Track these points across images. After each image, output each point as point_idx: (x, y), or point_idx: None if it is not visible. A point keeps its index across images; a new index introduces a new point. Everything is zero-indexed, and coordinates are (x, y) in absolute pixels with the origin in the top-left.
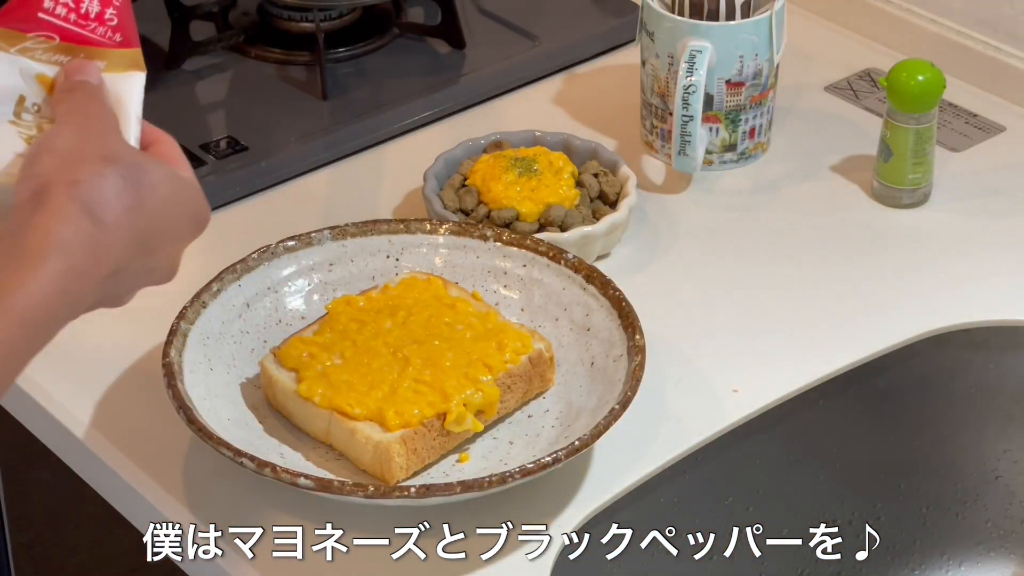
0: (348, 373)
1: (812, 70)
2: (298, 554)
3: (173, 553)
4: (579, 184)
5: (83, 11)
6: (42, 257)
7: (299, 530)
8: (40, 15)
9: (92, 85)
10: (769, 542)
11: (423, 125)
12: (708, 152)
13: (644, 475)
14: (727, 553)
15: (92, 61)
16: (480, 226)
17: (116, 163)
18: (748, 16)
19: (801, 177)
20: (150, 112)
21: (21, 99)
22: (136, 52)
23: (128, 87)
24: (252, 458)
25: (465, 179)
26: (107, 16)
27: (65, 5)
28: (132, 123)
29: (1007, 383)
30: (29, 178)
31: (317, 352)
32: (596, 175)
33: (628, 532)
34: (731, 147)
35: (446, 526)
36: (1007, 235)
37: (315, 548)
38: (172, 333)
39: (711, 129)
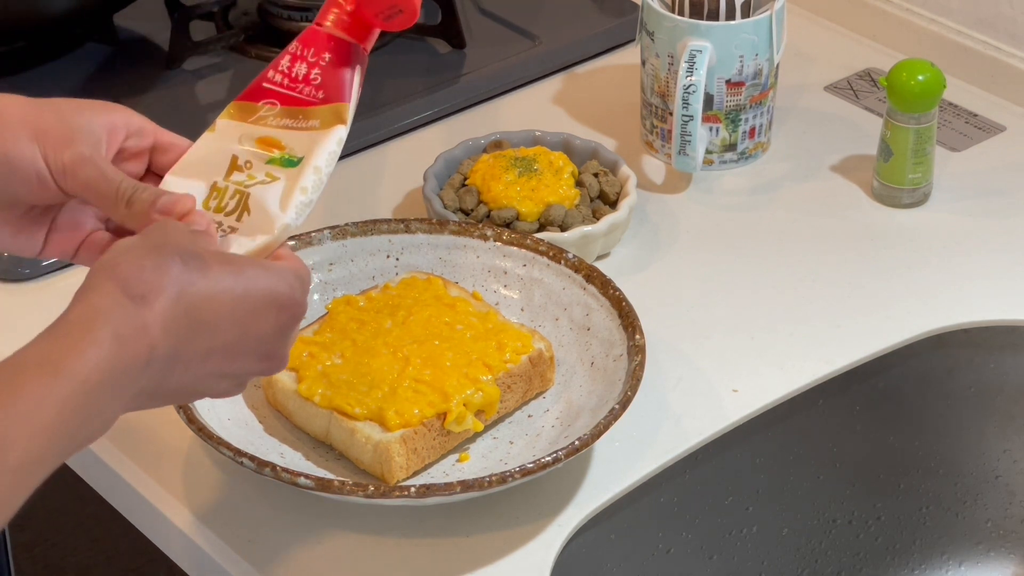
0: (348, 373)
1: (812, 70)
2: (298, 553)
3: (173, 553)
4: (579, 184)
5: (293, 75)
6: (89, 325)
7: (299, 530)
8: (264, 84)
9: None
10: (769, 542)
11: (423, 125)
12: (708, 152)
13: (644, 475)
14: (727, 553)
15: (184, 196)
16: (480, 226)
17: (166, 247)
18: (748, 16)
19: (801, 177)
20: (149, 112)
21: (234, 159)
22: (339, 107)
23: (320, 142)
24: (252, 458)
25: (465, 179)
26: (312, 76)
27: (281, 72)
28: (308, 173)
29: (1007, 383)
30: (89, 273)
31: (317, 352)
32: (596, 175)
33: (628, 532)
34: (731, 147)
35: (446, 526)
36: (1007, 235)
37: (315, 548)
38: None
39: (711, 129)
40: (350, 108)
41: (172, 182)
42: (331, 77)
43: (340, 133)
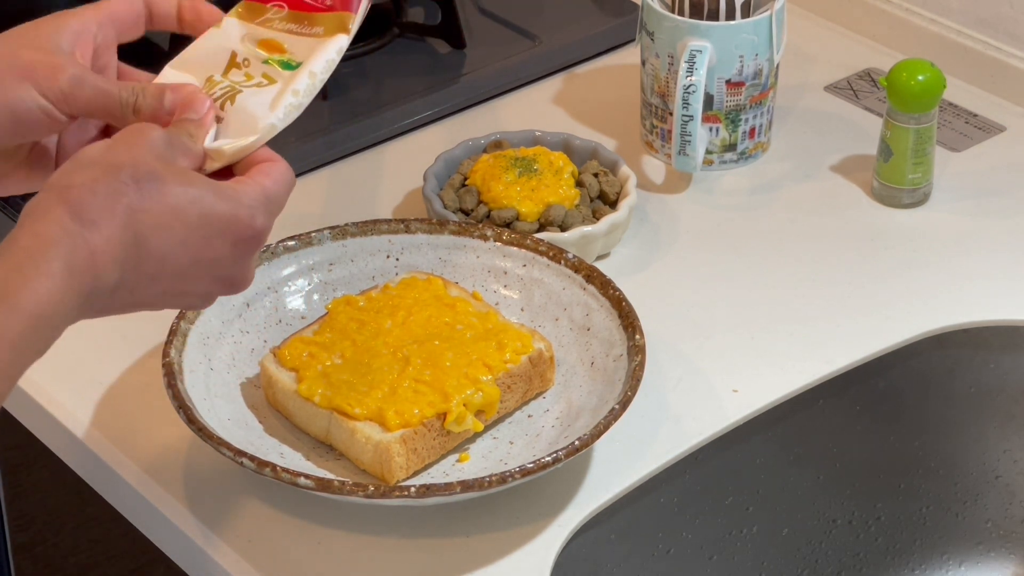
0: (348, 373)
1: (812, 70)
2: (298, 553)
3: (173, 553)
4: (579, 184)
5: None
6: (38, 256)
7: (299, 530)
8: None
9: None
10: (769, 542)
11: (423, 125)
12: (708, 152)
13: (644, 475)
14: (727, 553)
15: (200, 96)
16: (480, 226)
17: (122, 169)
18: (748, 16)
19: (801, 177)
20: None
21: (232, 56)
22: (345, 16)
23: (320, 48)
24: (252, 458)
25: (465, 179)
26: None
27: None
28: (303, 77)
29: (1007, 383)
30: (42, 189)
31: (317, 352)
32: (596, 175)
33: (628, 532)
34: (731, 147)
35: (446, 526)
36: (1007, 235)
37: (315, 548)
38: (172, 333)
39: (711, 129)
40: (356, 18)
41: (170, 74)
42: None
43: (341, 42)
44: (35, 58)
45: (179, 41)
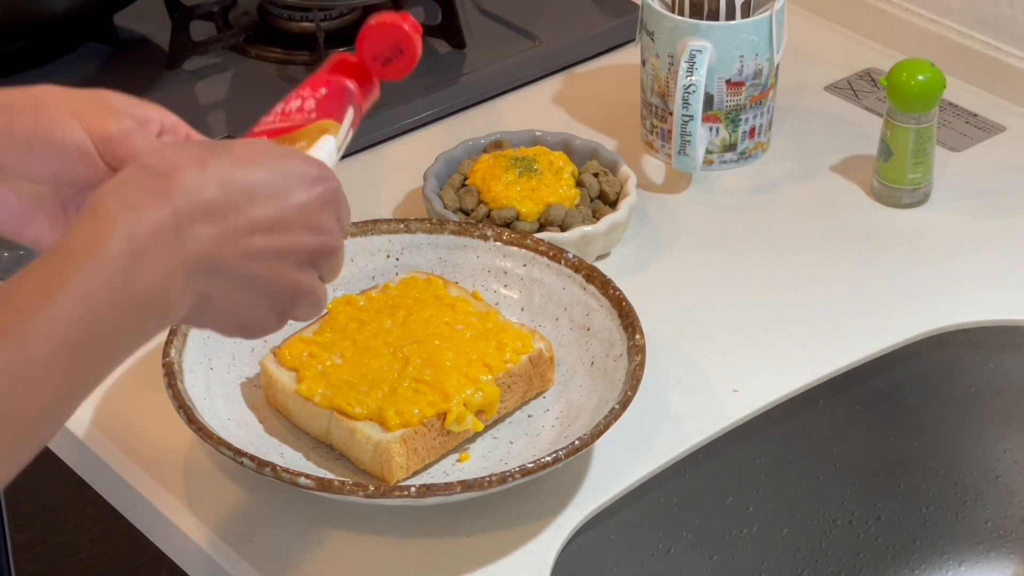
0: (348, 373)
1: (812, 70)
2: (298, 553)
3: (173, 553)
4: (579, 184)
5: (287, 111)
6: (101, 206)
7: (299, 530)
8: (256, 129)
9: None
10: (769, 542)
11: (423, 125)
12: (708, 152)
13: (644, 475)
14: (727, 553)
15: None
16: (480, 226)
17: (186, 143)
18: (748, 16)
19: (801, 177)
20: None
21: None
22: (327, 123)
23: (311, 151)
24: (252, 458)
25: (465, 179)
26: (306, 106)
27: (275, 113)
28: None
29: (1007, 383)
30: None
31: (317, 352)
32: (596, 175)
33: (628, 532)
34: (731, 147)
35: (446, 526)
36: (1007, 235)
37: (315, 548)
38: (172, 332)
39: (711, 129)
40: (339, 127)
41: None
42: (326, 103)
43: (329, 144)
44: (92, 104)
45: (178, 51)
